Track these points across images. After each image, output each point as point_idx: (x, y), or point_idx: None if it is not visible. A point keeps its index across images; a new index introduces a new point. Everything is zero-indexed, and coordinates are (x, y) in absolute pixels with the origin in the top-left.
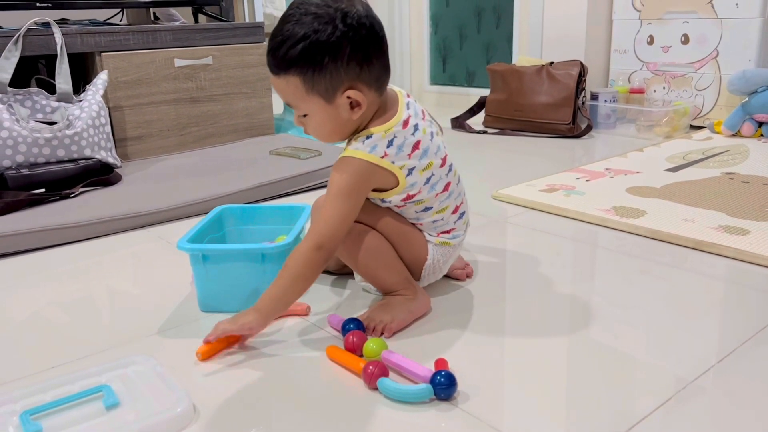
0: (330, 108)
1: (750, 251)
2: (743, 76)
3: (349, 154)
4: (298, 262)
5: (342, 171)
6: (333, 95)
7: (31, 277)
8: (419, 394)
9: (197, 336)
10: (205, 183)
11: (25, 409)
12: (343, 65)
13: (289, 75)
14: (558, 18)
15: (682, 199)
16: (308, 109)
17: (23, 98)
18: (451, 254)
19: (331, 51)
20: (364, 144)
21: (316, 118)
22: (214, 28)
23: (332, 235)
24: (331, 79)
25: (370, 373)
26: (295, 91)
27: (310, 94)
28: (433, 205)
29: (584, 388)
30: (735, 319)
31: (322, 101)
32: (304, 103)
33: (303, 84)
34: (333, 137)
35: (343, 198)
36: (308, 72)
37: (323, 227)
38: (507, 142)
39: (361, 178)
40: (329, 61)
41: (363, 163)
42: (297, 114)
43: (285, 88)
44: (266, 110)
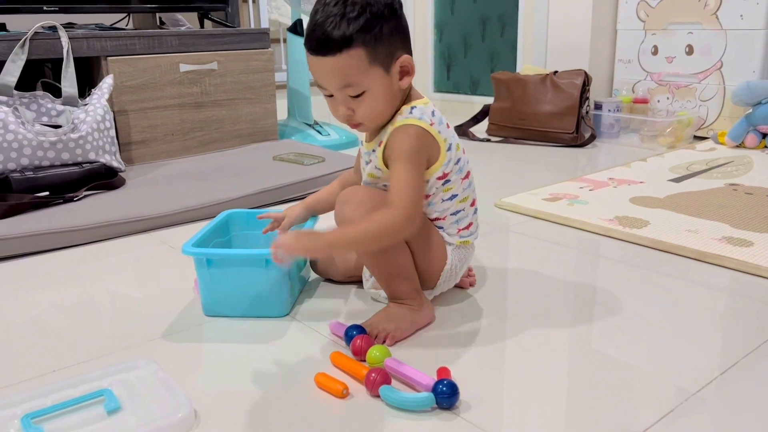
0: (387, 78)
1: (753, 263)
2: (747, 87)
3: (403, 123)
4: (385, 223)
5: (406, 136)
6: (390, 64)
7: (33, 280)
8: (421, 402)
9: (200, 341)
10: (208, 188)
11: (26, 412)
12: (396, 33)
13: (352, 49)
14: (562, 27)
15: (686, 209)
16: (368, 84)
17: (29, 101)
18: (467, 257)
19: (387, 19)
20: (411, 114)
21: (375, 92)
22: (220, 33)
23: (417, 203)
24: (388, 48)
25: (373, 381)
26: (359, 65)
27: (372, 65)
28: (458, 192)
29: (586, 398)
30: (738, 331)
31: (381, 71)
32: (366, 76)
33: (366, 55)
34: (386, 113)
35: (413, 163)
36: (370, 42)
37: (406, 198)
38: (510, 151)
39: (419, 142)
40: (386, 30)
41: (418, 128)
42: (351, 94)
43: (347, 64)
44: (270, 116)
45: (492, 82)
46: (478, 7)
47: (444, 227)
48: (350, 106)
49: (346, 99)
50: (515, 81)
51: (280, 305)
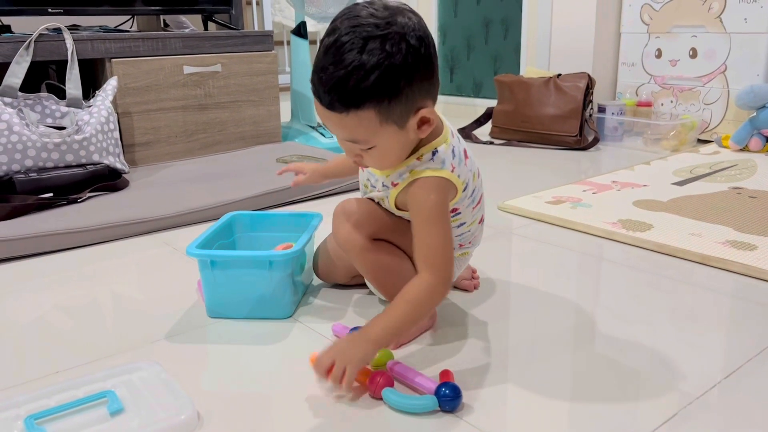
0: (401, 133)
1: (757, 266)
2: (751, 90)
3: (427, 175)
4: (424, 294)
5: (428, 193)
6: (407, 119)
7: (37, 282)
8: (423, 405)
9: (203, 342)
10: (212, 190)
11: (29, 413)
12: (416, 85)
13: (361, 110)
14: (566, 30)
15: (689, 213)
16: (378, 141)
17: (33, 103)
18: (464, 264)
19: (406, 74)
20: (434, 161)
21: (385, 147)
22: (224, 36)
23: (448, 263)
24: (405, 104)
25: (376, 383)
26: (368, 126)
27: (384, 125)
28: (467, 219)
29: (589, 402)
30: (742, 335)
31: (395, 128)
32: (375, 136)
33: (378, 116)
34: (396, 162)
35: (441, 220)
36: (384, 102)
37: (440, 259)
38: (514, 154)
39: (445, 196)
40: (405, 86)
41: (442, 180)
42: (360, 148)
43: (356, 125)
44: (274, 118)
45: (495, 84)
46: (481, 9)
47: None
48: (358, 153)
49: (354, 147)
50: (518, 84)
51: (284, 307)
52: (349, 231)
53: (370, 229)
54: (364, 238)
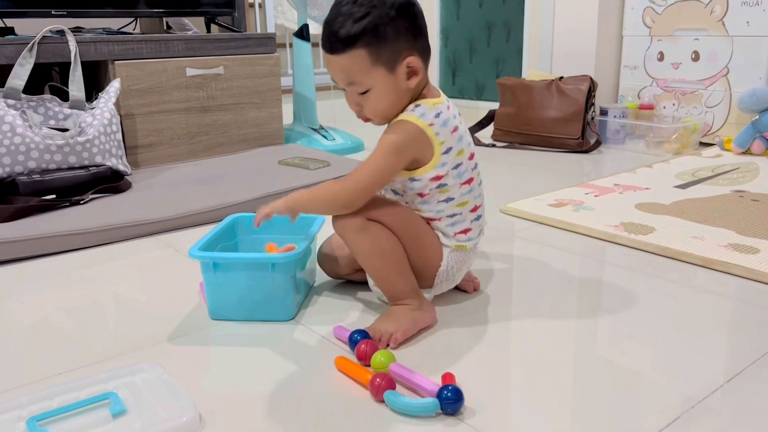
0: (391, 78)
1: (760, 270)
2: (753, 94)
3: (401, 118)
4: (333, 193)
5: (393, 132)
6: (394, 64)
7: (39, 283)
8: (425, 407)
9: (205, 344)
10: (214, 192)
11: (31, 415)
12: (402, 35)
13: (354, 49)
14: (568, 33)
15: (692, 216)
16: (371, 82)
17: (36, 105)
18: (465, 260)
19: (391, 23)
20: (413, 111)
21: (378, 90)
22: (226, 38)
23: (370, 185)
24: (392, 48)
25: (377, 386)
26: (361, 64)
27: (375, 66)
28: (455, 195)
29: (591, 405)
30: (744, 339)
31: (384, 71)
32: (367, 76)
33: (368, 56)
34: (391, 111)
35: (388, 153)
36: (373, 43)
37: (366, 176)
38: (516, 156)
39: (408, 138)
40: (390, 31)
41: (412, 125)
42: (358, 91)
43: (350, 63)
44: (276, 120)
45: (497, 87)
46: (483, 12)
47: (440, 228)
48: (358, 101)
49: (354, 95)
50: (521, 86)
51: (286, 309)
52: (346, 215)
53: (366, 212)
54: (360, 219)
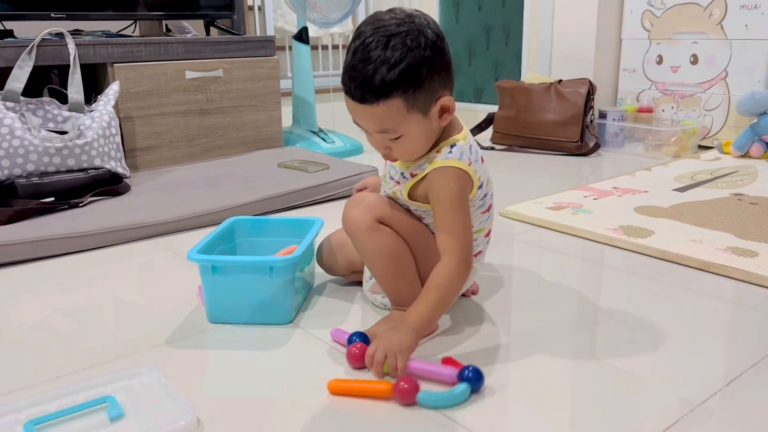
0: (425, 121)
1: (758, 273)
2: (752, 97)
3: (445, 164)
4: (450, 279)
5: (448, 180)
6: (429, 107)
7: (37, 286)
8: (462, 394)
9: (204, 347)
10: (213, 195)
11: (29, 418)
12: (436, 76)
13: (390, 99)
14: (567, 36)
15: (690, 219)
16: (406, 129)
17: (35, 107)
18: (470, 278)
19: (426, 65)
20: (452, 153)
21: (412, 135)
22: (225, 41)
23: (468, 246)
24: (428, 93)
25: (404, 390)
26: (397, 114)
27: (410, 112)
28: (474, 223)
29: (590, 408)
30: (743, 342)
31: (420, 116)
32: (403, 123)
33: (404, 104)
34: (422, 151)
35: (460, 206)
36: (409, 91)
37: (461, 243)
38: (514, 159)
39: (463, 184)
40: (426, 75)
41: (460, 171)
42: (390, 138)
43: (385, 114)
44: (275, 123)
45: (496, 90)
46: (482, 15)
47: None
48: (387, 145)
49: (383, 139)
50: (519, 89)
51: (284, 312)
52: (359, 212)
53: (379, 213)
54: (372, 219)
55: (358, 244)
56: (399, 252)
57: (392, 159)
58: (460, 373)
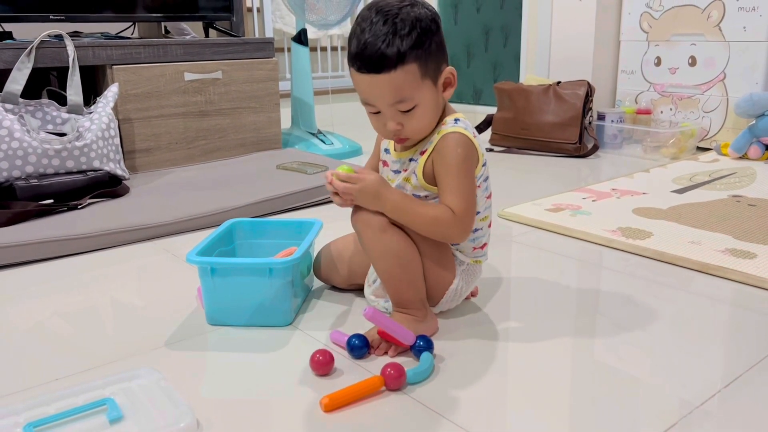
0: (435, 91)
1: (757, 275)
2: (750, 99)
3: (452, 131)
4: (443, 217)
5: (455, 146)
6: (438, 76)
7: (36, 288)
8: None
9: (203, 350)
10: (212, 196)
11: (28, 421)
12: (440, 46)
13: (406, 64)
14: (565, 38)
15: (689, 221)
16: (420, 97)
17: (34, 109)
18: (474, 278)
19: (433, 32)
20: (458, 123)
21: (425, 105)
22: (224, 42)
23: (470, 210)
24: (436, 61)
25: (393, 376)
26: (413, 80)
27: (425, 79)
28: (481, 209)
29: (588, 411)
30: (741, 344)
31: (431, 84)
32: (418, 91)
33: (419, 69)
34: (431, 126)
35: (465, 172)
36: (422, 57)
37: (464, 204)
38: (513, 161)
39: (470, 153)
40: (434, 44)
41: (466, 138)
42: (404, 108)
43: (402, 80)
44: (274, 125)
45: (495, 92)
46: (481, 17)
47: (460, 244)
48: (400, 120)
49: (396, 114)
50: (518, 91)
51: (284, 314)
52: (368, 212)
53: None
54: (383, 219)
55: (367, 244)
56: (408, 254)
57: (402, 140)
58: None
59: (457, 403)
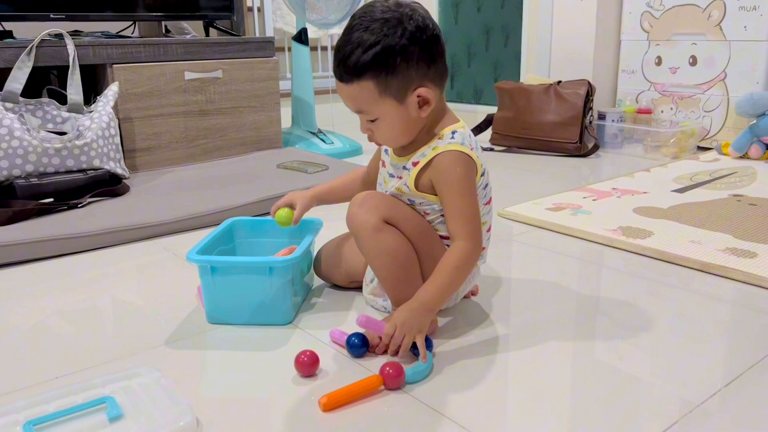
0: (401, 108)
1: (757, 274)
2: (751, 98)
3: (449, 149)
4: (463, 260)
5: (454, 165)
6: (404, 95)
7: (37, 287)
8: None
9: (203, 348)
10: (212, 196)
11: (28, 419)
12: (413, 65)
13: (362, 80)
14: (566, 37)
15: (690, 220)
16: (380, 113)
17: (34, 108)
18: (471, 278)
19: (402, 52)
20: (454, 138)
21: (388, 120)
22: (225, 42)
23: (478, 229)
24: (402, 80)
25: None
26: (369, 96)
27: (383, 97)
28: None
29: (588, 409)
30: (742, 343)
31: (394, 102)
32: (376, 106)
33: (376, 87)
34: (402, 138)
35: (468, 190)
36: (381, 75)
37: (472, 226)
38: (514, 160)
39: (469, 170)
40: (401, 62)
41: (464, 155)
42: (366, 119)
43: (358, 94)
44: (274, 124)
45: (495, 91)
46: (482, 17)
47: None
48: (369, 127)
49: (364, 120)
50: (519, 90)
51: (284, 313)
52: (364, 212)
53: (385, 213)
54: (378, 219)
55: (363, 244)
56: (404, 253)
57: (377, 143)
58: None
59: (458, 402)
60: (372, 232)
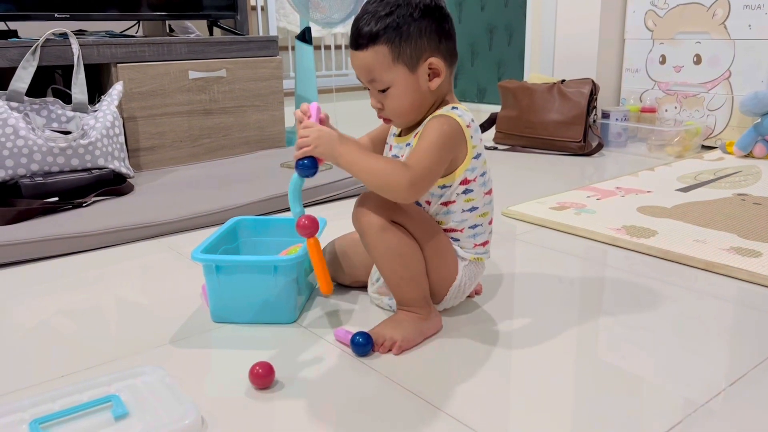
0: (412, 78)
1: (762, 273)
2: (755, 97)
3: (444, 113)
4: (394, 171)
5: (440, 125)
6: (416, 64)
7: (42, 286)
8: None
9: (208, 347)
10: (216, 195)
11: (34, 417)
12: (425, 35)
13: (377, 45)
14: (570, 36)
15: (694, 219)
16: (392, 80)
17: (39, 107)
18: (477, 275)
19: (416, 21)
20: (452, 111)
21: (399, 89)
22: (229, 41)
23: (427, 178)
24: (415, 47)
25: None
26: (383, 61)
27: (396, 63)
28: (479, 204)
29: (593, 409)
30: (746, 343)
31: (405, 70)
32: (389, 72)
33: (390, 52)
34: (411, 112)
35: (437, 148)
36: (395, 40)
37: (424, 167)
38: (517, 159)
39: (453, 132)
40: (414, 30)
41: (453, 121)
42: (377, 89)
43: (372, 59)
44: (278, 123)
45: (499, 90)
46: (485, 15)
47: (460, 239)
48: (379, 99)
49: (375, 92)
50: (522, 89)
51: (288, 312)
52: (370, 212)
53: (391, 213)
54: (384, 219)
55: (369, 244)
56: (410, 253)
57: (385, 118)
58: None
59: (460, 400)
60: (378, 232)
